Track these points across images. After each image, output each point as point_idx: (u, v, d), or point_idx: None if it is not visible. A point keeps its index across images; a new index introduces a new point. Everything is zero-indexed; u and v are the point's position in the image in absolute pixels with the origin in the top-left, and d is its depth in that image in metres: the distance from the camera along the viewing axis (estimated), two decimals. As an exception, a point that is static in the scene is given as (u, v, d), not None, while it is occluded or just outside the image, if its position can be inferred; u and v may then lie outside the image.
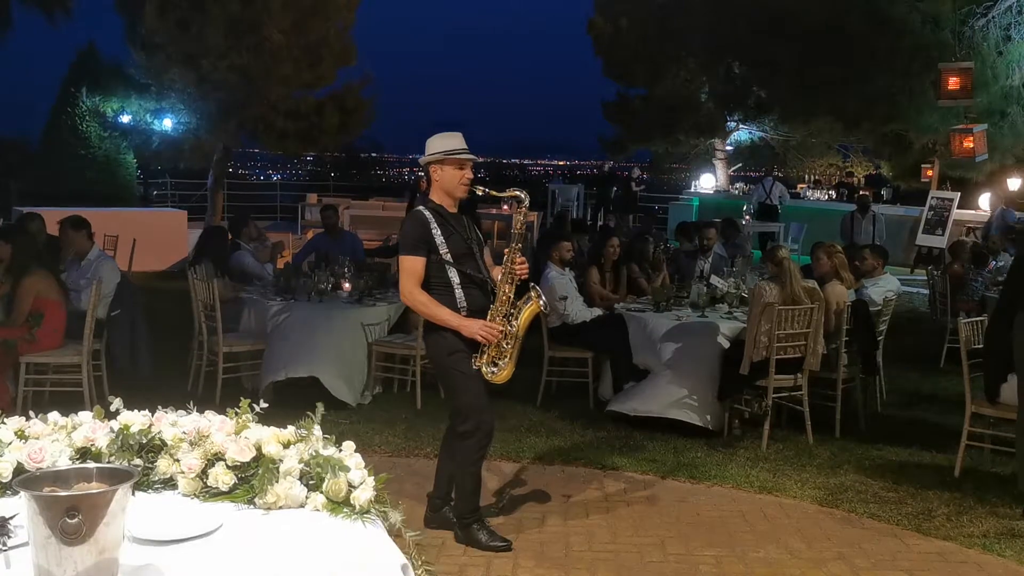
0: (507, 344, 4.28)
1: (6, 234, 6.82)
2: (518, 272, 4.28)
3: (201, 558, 2.11)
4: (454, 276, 4.30)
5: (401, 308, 7.48)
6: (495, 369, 4.30)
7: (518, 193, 4.41)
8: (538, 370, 6.99)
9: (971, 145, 14.43)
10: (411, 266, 4.28)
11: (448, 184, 4.34)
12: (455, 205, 4.40)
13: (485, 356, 4.29)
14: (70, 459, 2.42)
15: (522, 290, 4.36)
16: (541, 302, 4.29)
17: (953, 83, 13.78)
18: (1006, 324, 5.23)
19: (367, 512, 2.32)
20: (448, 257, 4.27)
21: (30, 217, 8.39)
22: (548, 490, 5.28)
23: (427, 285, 4.29)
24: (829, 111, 17.74)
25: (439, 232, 4.27)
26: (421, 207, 4.39)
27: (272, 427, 2.55)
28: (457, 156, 4.32)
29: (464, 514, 4.48)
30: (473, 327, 4.23)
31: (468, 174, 4.36)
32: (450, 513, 4.60)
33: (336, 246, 9.07)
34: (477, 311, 4.29)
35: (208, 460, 2.45)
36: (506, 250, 4.31)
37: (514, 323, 4.28)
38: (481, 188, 4.49)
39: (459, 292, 4.29)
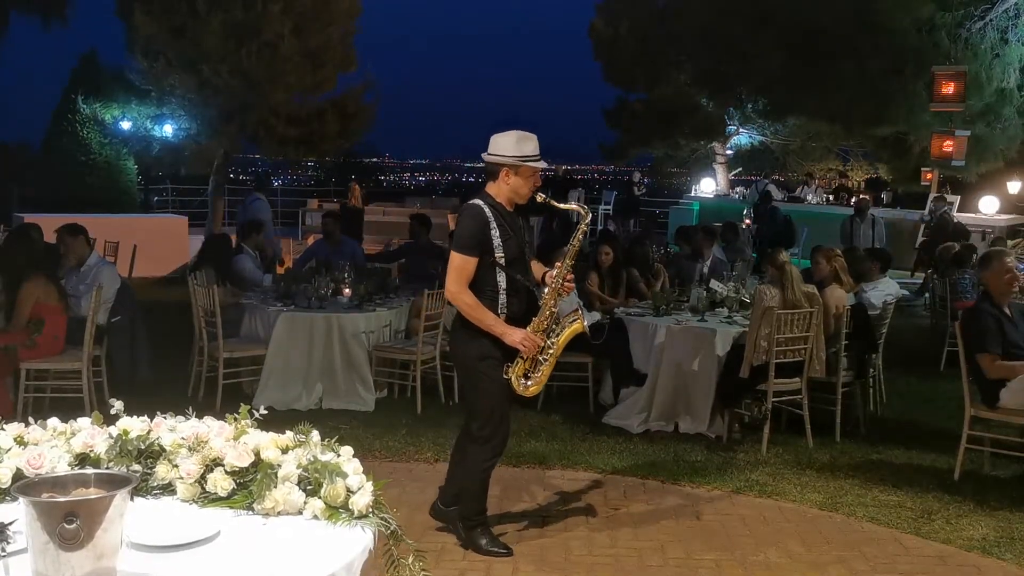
0: (543, 359, 4.22)
1: (8, 240, 6.83)
2: (567, 288, 4.23)
3: (199, 564, 2.11)
4: (502, 280, 4.16)
5: (404, 313, 7.50)
6: (528, 383, 4.23)
7: (580, 209, 4.33)
8: (538, 375, 6.99)
9: (950, 149, 14.52)
10: (463, 265, 4.11)
11: (518, 190, 4.19)
12: (512, 205, 4.26)
13: (519, 368, 4.21)
14: (69, 465, 2.42)
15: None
16: (585, 323, 4.23)
17: (946, 87, 13.85)
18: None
19: (365, 517, 2.32)
20: (502, 260, 4.13)
21: (29, 226, 8.40)
22: (548, 494, 5.29)
23: (473, 286, 4.15)
24: (820, 110, 17.78)
25: (497, 233, 4.11)
26: (478, 202, 4.18)
27: (271, 432, 2.56)
28: (533, 164, 4.19)
29: (469, 517, 4.45)
30: (516, 336, 4.13)
31: (538, 181, 4.26)
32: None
33: (336, 252, 9.08)
34: (513, 318, 4.19)
35: (207, 465, 2.46)
36: (558, 264, 4.24)
37: (553, 339, 4.21)
38: (542, 196, 4.33)
39: (503, 298, 4.17)
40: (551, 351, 4.22)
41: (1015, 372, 5.35)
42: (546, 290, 4.23)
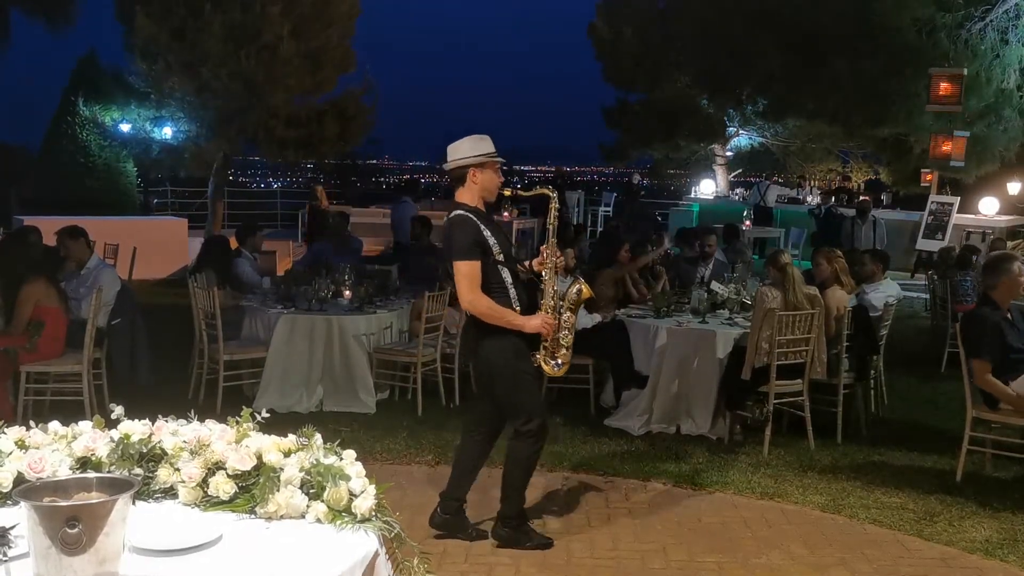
0: (562, 336, 4.33)
1: (5, 243, 6.82)
2: (560, 266, 4.38)
3: (201, 568, 2.10)
4: (507, 276, 4.29)
5: (405, 315, 7.49)
6: (557, 362, 4.34)
7: (546, 191, 4.46)
8: (539, 376, 6.98)
9: (948, 149, 14.55)
10: (470, 271, 4.19)
11: (487, 187, 4.33)
12: (484, 205, 4.39)
13: (544, 352, 4.31)
14: (70, 469, 2.42)
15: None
16: (586, 286, 4.40)
17: (944, 88, 13.87)
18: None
19: (368, 520, 2.31)
20: (501, 257, 4.26)
21: (28, 229, 8.39)
22: (549, 497, 5.28)
23: (483, 288, 4.24)
24: (820, 110, 17.78)
25: (488, 233, 4.24)
26: (461, 211, 4.27)
27: (273, 436, 2.55)
28: (497, 159, 4.35)
29: (512, 515, 4.52)
30: (535, 322, 4.25)
31: (501, 177, 4.41)
32: (462, 521, 4.59)
33: (340, 251, 9.08)
34: (525, 308, 4.31)
35: (209, 469, 2.45)
36: (543, 247, 4.38)
37: (565, 314, 4.33)
38: (509, 189, 4.51)
39: (512, 291, 4.29)
40: (567, 325, 4.35)
41: (1000, 393, 5.35)
42: (543, 273, 4.35)
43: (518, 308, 4.28)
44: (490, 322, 4.25)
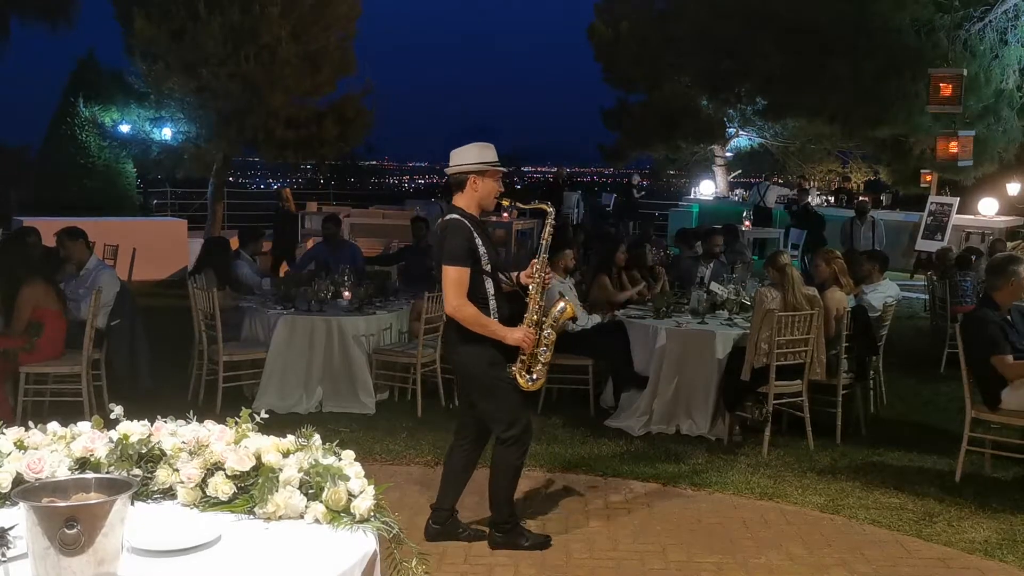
0: (541, 351, 4.32)
1: (4, 244, 6.82)
2: (548, 280, 4.37)
3: (200, 569, 2.10)
4: (490, 287, 4.29)
5: (405, 315, 7.50)
6: (532, 376, 4.33)
7: (544, 205, 4.45)
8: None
9: (955, 150, 14.56)
10: (460, 277, 4.19)
11: (486, 196, 4.32)
12: (480, 213, 4.39)
13: (521, 365, 4.30)
14: (69, 469, 2.41)
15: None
16: (576, 307, 4.36)
17: (944, 89, 13.89)
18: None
19: (367, 521, 2.32)
20: (488, 268, 4.27)
21: (27, 230, 8.40)
22: (549, 497, 5.28)
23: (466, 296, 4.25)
24: (820, 111, 17.78)
25: (480, 242, 4.25)
26: (457, 216, 4.28)
27: (272, 436, 2.55)
28: (499, 168, 4.34)
29: (504, 520, 4.51)
30: (517, 335, 4.24)
31: (502, 186, 4.40)
32: (456, 525, 4.59)
33: (336, 255, 9.07)
34: (505, 321, 4.31)
35: (207, 470, 2.45)
36: (533, 262, 4.36)
37: (547, 331, 4.32)
38: (508, 200, 4.50)
39: (493, 303, 4.29)
40: (547, 342, 4.33)
41: None
42: (530, 287, 4.35)
43: (496, 318, 4.29)
44: (472, 328, 4.24)
